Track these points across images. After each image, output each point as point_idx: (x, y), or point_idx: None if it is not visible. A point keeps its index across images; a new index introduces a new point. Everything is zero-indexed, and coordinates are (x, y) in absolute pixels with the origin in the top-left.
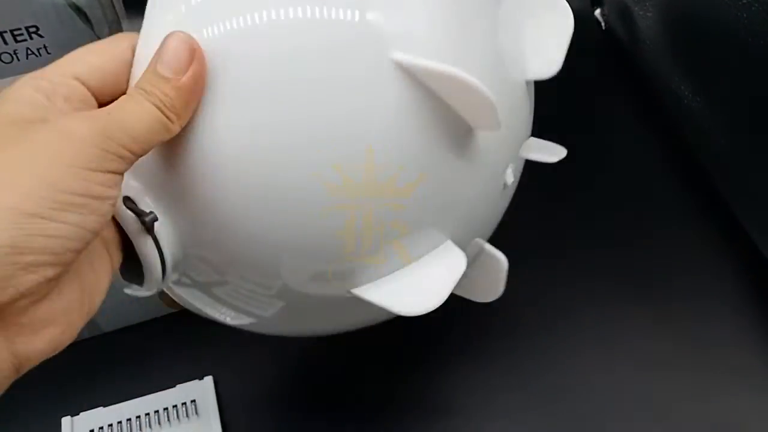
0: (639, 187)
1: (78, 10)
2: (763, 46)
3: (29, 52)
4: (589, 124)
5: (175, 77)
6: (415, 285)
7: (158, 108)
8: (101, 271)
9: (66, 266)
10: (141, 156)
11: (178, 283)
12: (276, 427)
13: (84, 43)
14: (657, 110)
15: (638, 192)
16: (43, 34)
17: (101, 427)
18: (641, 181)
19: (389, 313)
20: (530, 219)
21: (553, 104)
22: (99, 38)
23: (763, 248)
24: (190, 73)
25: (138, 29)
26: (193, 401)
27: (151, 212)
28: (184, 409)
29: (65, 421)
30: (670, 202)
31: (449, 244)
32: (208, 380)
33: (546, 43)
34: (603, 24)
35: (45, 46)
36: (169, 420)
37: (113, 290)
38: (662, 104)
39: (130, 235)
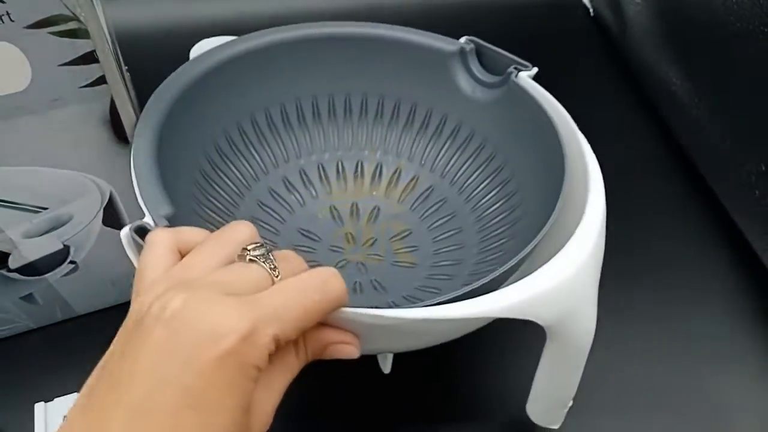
0: (625, 174)
1: None
2: (751, 32)
3: None
4: (575, 110)
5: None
6: None
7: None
8: None
9: None
10: None
11: None
12: None
13: (51, 12)
14: (644, 97)
15: (624, 179)
16: (5, 0)
17: None
18: (628, 168)
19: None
20: None
21: None
22: (66, 6)
23: (749, 236)
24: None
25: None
26: None
27: None
28: None
29: (38, 407)
30: (655, 188)
31: None
32: None
33: None
34: (591, 10)
35: (8, 12)
36: None
37: (86, 271)
38: (649, 91)
39: None
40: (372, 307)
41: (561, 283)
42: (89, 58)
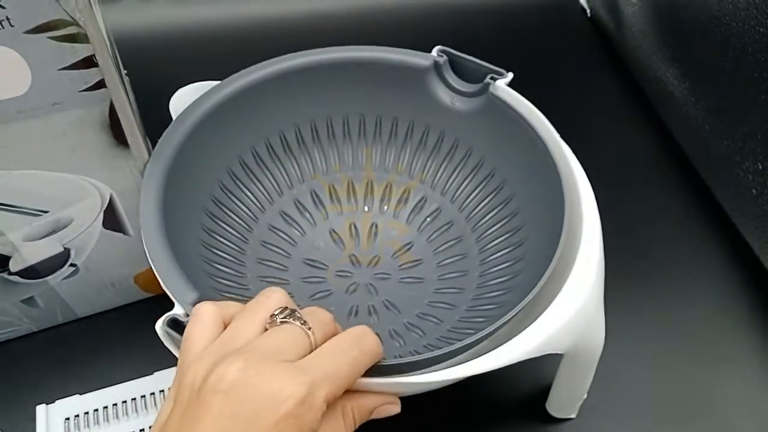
0: (622, 174)
1: None
2: (746, 32)
3: None
4: (573, 110)
5: None
6: None
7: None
8: None
9: None
10: None
11: None
12: None
13: (50, 17)
14: (641, 96)
15: (621, 179)
16: (5, 5)
17: (77, 415)
18: (625, 168)
19: None
20: None
21: (537, 90)
22: (65, 11)
23: (747, 236)
24: None
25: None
26: (170, 389)
27: None
28: (161, 396)
29: (40, 409)
30: (653, 187)
31: None
32: None
33: None
34: (588, 11)
35: (8, 18)
36: (146, 407)
37: (87, 273)
38: (646, 90)
39: None
40: (398, 358)
41: (574, 314)
42: (89, 62)
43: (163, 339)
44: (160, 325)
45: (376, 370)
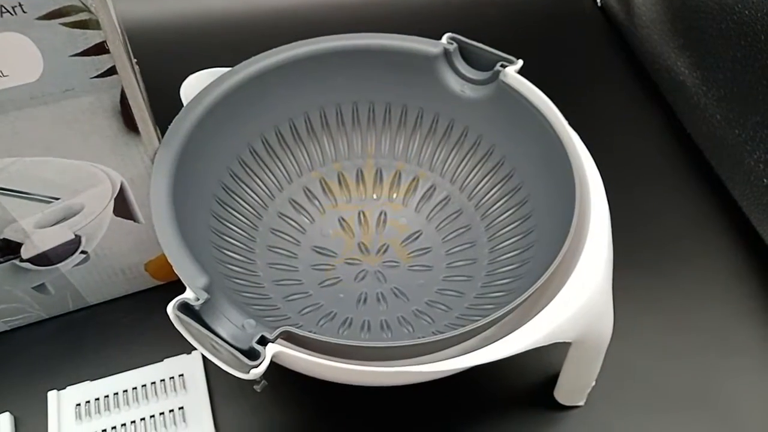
0: (632, 164)
1: None
2: (758, 20)
3: (4, 9)
4: (582, 99)
5: None
6: None
7: None
8: None
9: None
10: None
11: None
12: (265, 401)
13: (62, 3)
14: (652, 87)
15: (631, 169)
16: None
17: (88, 401)
18: (635, 159)
19: None
20: None
21: (547, 79)
22: None
23: (757, 225)
24: None
25: None
26: (181, 375)
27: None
28: (171, 383)
29: (51, 395)
30: (663, 178)
31: None
32: (197, 354)
33: None
34: (598, 0)
35: (20, 4)
36: (156, 394)
37: (97, 261)
38: (657, 80)
39: None
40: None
41: (583, 303)
42: (100, 48)
43: (174, 322)
44: (171, 309)
45: (382, 355)
